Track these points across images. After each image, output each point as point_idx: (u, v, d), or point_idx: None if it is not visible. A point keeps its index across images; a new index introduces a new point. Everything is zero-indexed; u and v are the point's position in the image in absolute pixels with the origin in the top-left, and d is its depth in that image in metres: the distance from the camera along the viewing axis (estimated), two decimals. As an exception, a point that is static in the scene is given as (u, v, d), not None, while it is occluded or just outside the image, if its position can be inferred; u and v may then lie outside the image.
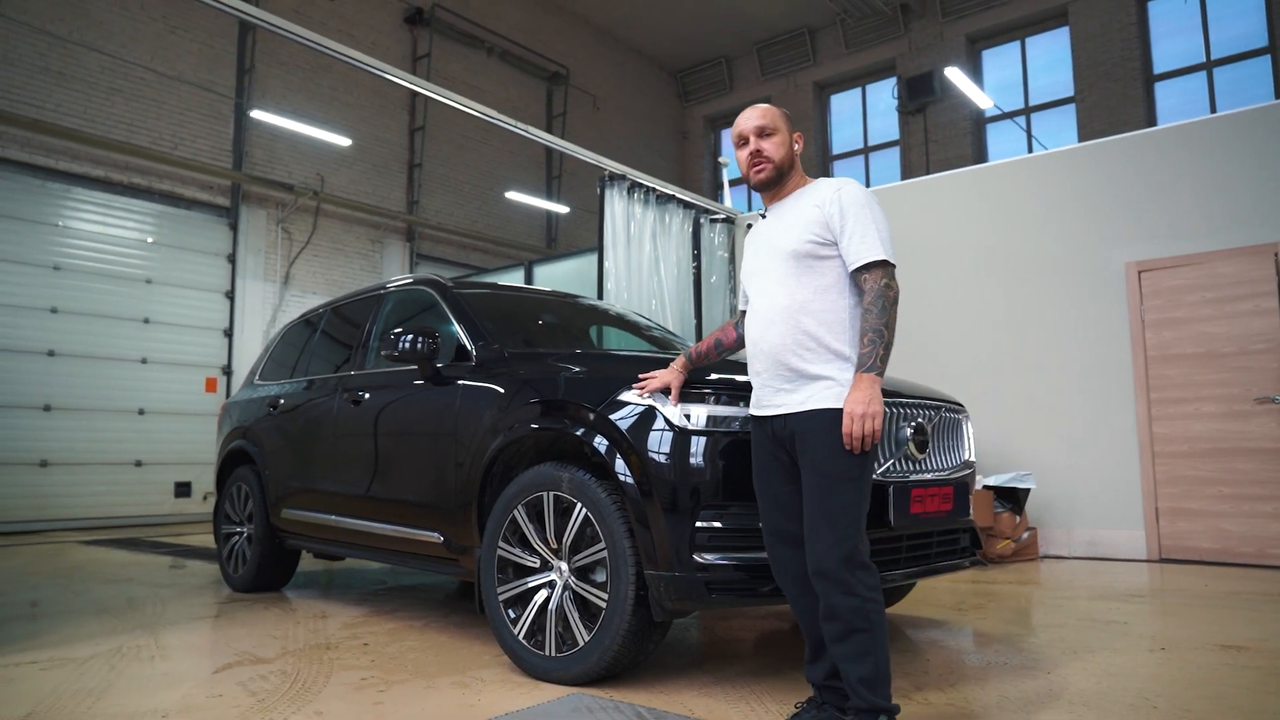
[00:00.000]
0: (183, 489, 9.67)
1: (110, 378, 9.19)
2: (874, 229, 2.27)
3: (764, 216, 2.48)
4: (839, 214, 2.28)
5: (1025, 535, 6.10)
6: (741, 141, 2.42)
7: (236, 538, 5.03)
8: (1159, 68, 12.43)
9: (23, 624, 3.95)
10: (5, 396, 8.40)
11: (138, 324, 9.46)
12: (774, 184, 2.41)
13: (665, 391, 2.73)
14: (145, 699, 2.73)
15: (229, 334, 10.23)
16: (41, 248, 8.77)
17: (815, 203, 2.33)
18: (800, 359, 2.26)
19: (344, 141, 11.14)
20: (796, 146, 2.43)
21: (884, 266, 2.27)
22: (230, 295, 10.28)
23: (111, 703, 2.69)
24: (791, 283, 2.30)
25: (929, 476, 3.07)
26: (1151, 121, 12.07)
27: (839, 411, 2.19)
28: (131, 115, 9.47)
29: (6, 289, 8.44)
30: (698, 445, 2.71)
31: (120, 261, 9.36)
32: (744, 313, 2.56)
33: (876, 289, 2.24)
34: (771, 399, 2.33)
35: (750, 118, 2.40)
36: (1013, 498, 6.10)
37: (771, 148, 2.37)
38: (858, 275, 2.27)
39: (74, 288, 8.97)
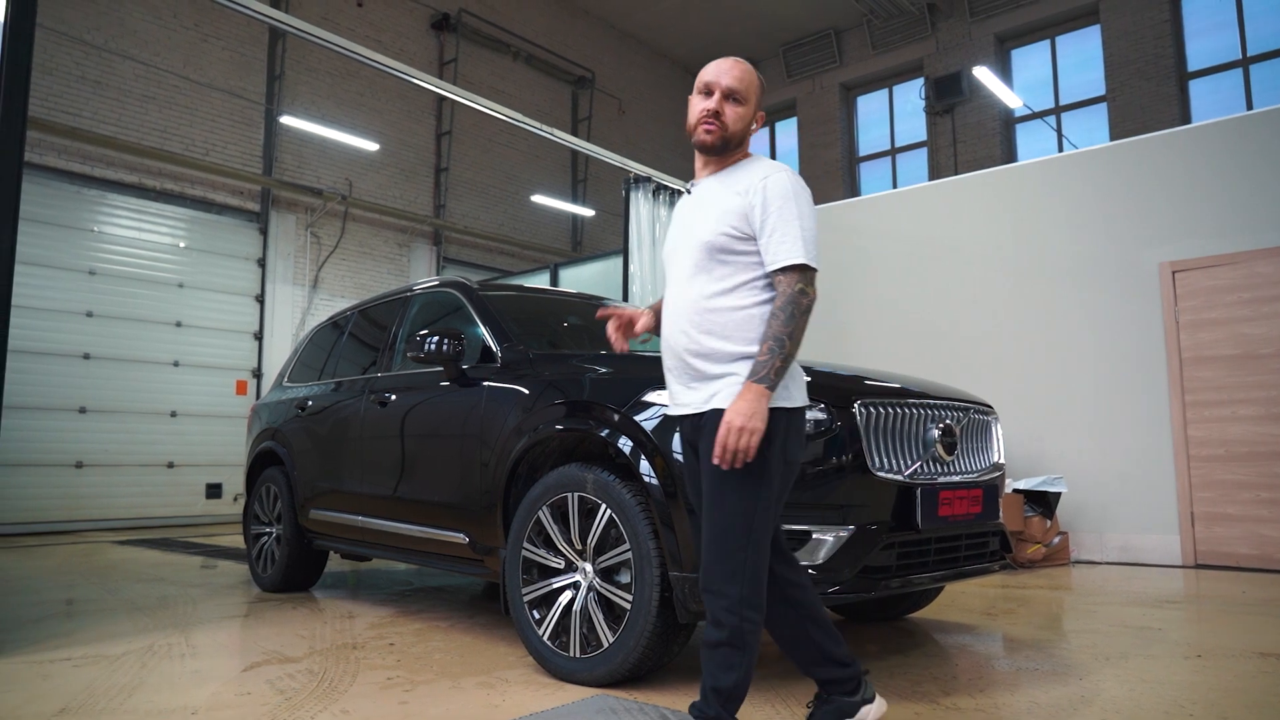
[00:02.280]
0: (214, 490, 9.80)
1: (143, 380, 9.34)
2: (797, 227, 2.05)
3: (688, 192, 2.30)
4: (761, 207, 2.08)
5: (1056, 540, 6.01)
6: (706, 91, 2.17)
7: (265, 538, 5.08)
8: (1193, 65, 12.22)
9: (58, 622, 4.02)
10: (42, 399, 8.57)
11: (170, 327, 9.61)
12: (715, 152, 2.20)
13: (630, 324, 2.51)
14: (176, 696, 2.77)
15: (259, 337, 10.37)
16: (78, 253, 8.95)
17: (738, 190, 2.12)
18: (704, 360, 2.10)
19: (372, 146, 11.25)
20: (755, 125, 2.23)
21: (801, 271, 2.05)
22: (260, 299, 10.42)
23: (143, 699, 2.73)
24: (702, 276, 2.13)
25: (957, 479, 3.04)
26: (1185, 120, 11.86)
27: None
28: (165, 122, 9.64)
29: (44, 293, 8.61)
30: (722, 446, 2.69)
31: (153, 266, 9.52)
32: None
33: (789, 294, 2.03)
34: (681, 397, 2.17)
35: (726, 73, 2.15)
36: (1043, 501, 6.01)
37: (733, 117, 2.16)
38: (773, 277, 2.09)
39: (109, 292, 9.13)
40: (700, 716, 2.10)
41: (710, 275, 2.12)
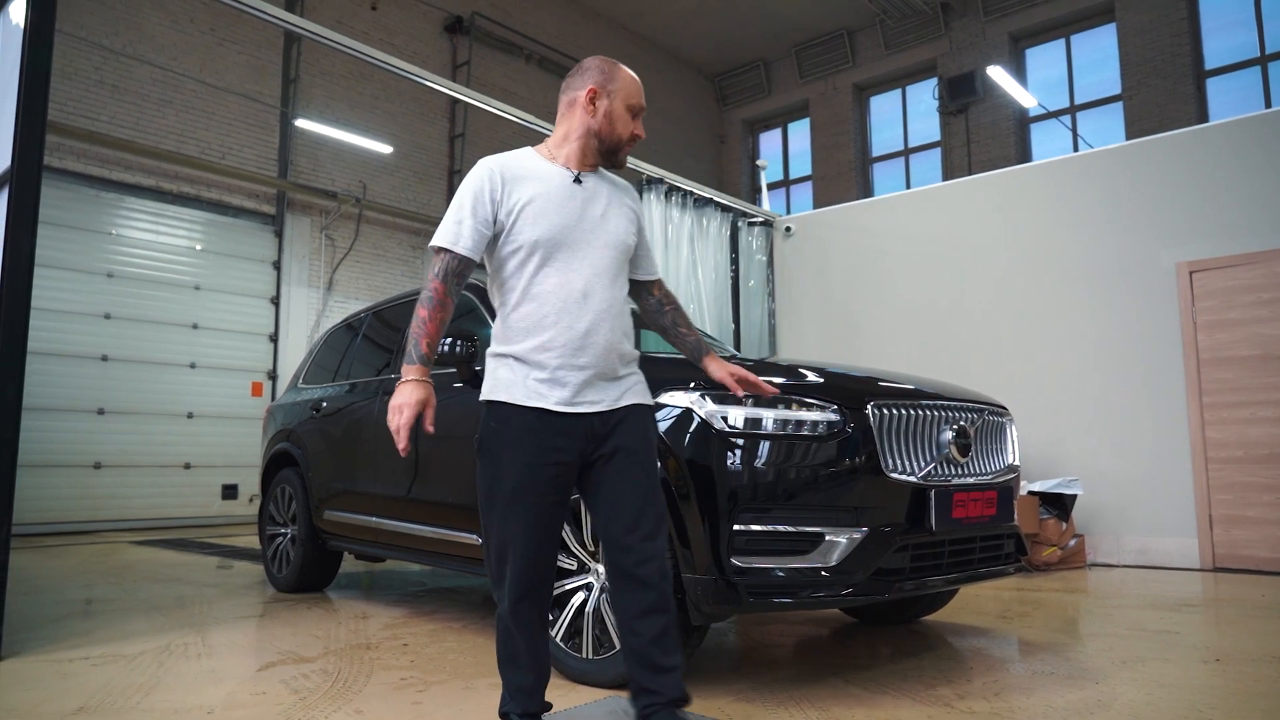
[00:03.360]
0: (229, 491, 9.87)
1: (160, 382, 9.42)
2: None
3: (578, 181, 2.19)
4: (640, 221, 2.33)
5: (1072, 542, 5.97)
6: (634, 112, 2.24)
7: (280, 539, 5.11)
8: (1210, 63, 12.10)
9: (77, 621, 4.06)
10: (61, 400, 8.65)
11: (187, 329, 9.68)
12: (614, 165, 2.30)
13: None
14: (192, 695, 2.79)
15: (274, 339, 10.44)
16: (96, 256, 9.03)
17: (629, 202, 2.29)
18: (621, 361, 2.17)
19: (386, 149, 11.31)
20: None
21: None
22: (275, 301, 10.48)
23: (160, 698, 2.75)
24: (621, 279, 2.22)
25: (971, 480, 3.02)
26: (1203, 119, 11.75)
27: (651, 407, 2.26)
28: (182, 126, 9.72)
29: (63, 296, 8.69)
30: (735, 448, 2.69)
31: (170, 268, 9.60)
32: (462, 260, 2.09)
33: (675, 297, 2.49)
34: (589, 395, 2.10)
35: (642, 94, 2.27)
36: (1059, 504, 5.97)
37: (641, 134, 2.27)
38: (649, 285, 2.41)
39: (126, 294, 9.21)
40: (680, 703, 2.08)
41: (622, 278, 2.23)
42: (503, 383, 2.10)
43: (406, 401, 2.00)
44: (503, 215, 2.10)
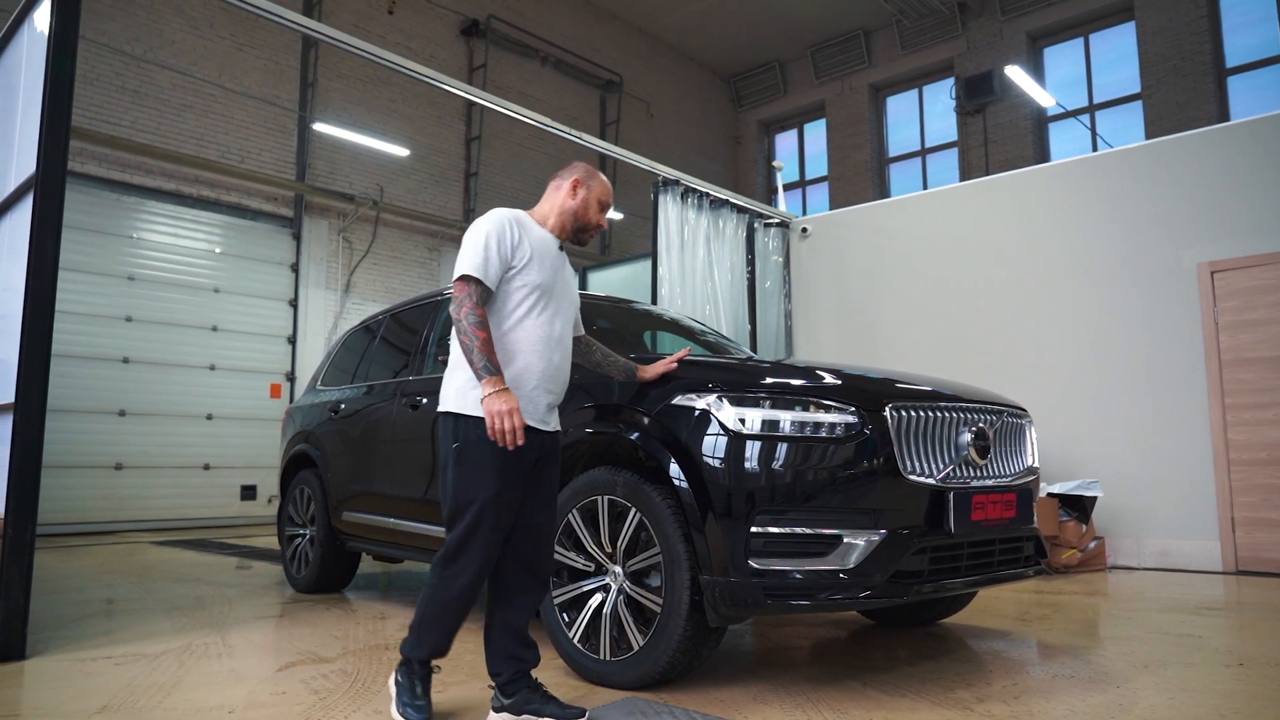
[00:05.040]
0: (248, 492, 9.95)
1: (180, 384, 9.51)
2: None
3: (561, 248, 2.69)
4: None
5: (1092, 545, 5.92)
6: (605, 208, 2.74)
7: (299, 540, 5.15)
8: (1231, 61, 11.97)
9: (100, 621, 4.10)
10: (83, 402, 8.75)
11: (206, 332, 9.77)
12: (578, 241, 2.74)
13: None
14: (213, 694, 2.81)
15: (292, 341, 10.51)
16: (117, 259, 9.13)
17: (573, 276, 2.79)
18: (563, 394, 2.66)
19: (402, 152, 11.37)
20: None
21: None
22: (294, 303, 10.56)
23: (181, 697, 2.78)
24: (572, 331, 2.73)
25: (990, 482, 3.00)
26: (1224, 117, 11.62)
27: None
28: (201, 130, 9.81)
29: (85, 299, 8.80)
30: (753, 449, 2.69)
31: (190, 271, 9.69)
32: (486, 289, 2.50)
33: (593, 339, 2.99)
34: (548, 417, 2.58)
35: (610, 196, 2.76)
36: (1079, 506, 5.92)
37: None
38: (580, 338, 2.89)
39: (147, 297, 9.31)
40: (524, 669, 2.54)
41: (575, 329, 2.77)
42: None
43: (508, 406, 2.33)
44: (514, 258, 2.51)
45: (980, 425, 3.00)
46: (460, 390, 2.47)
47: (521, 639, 2.55)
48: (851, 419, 2.74)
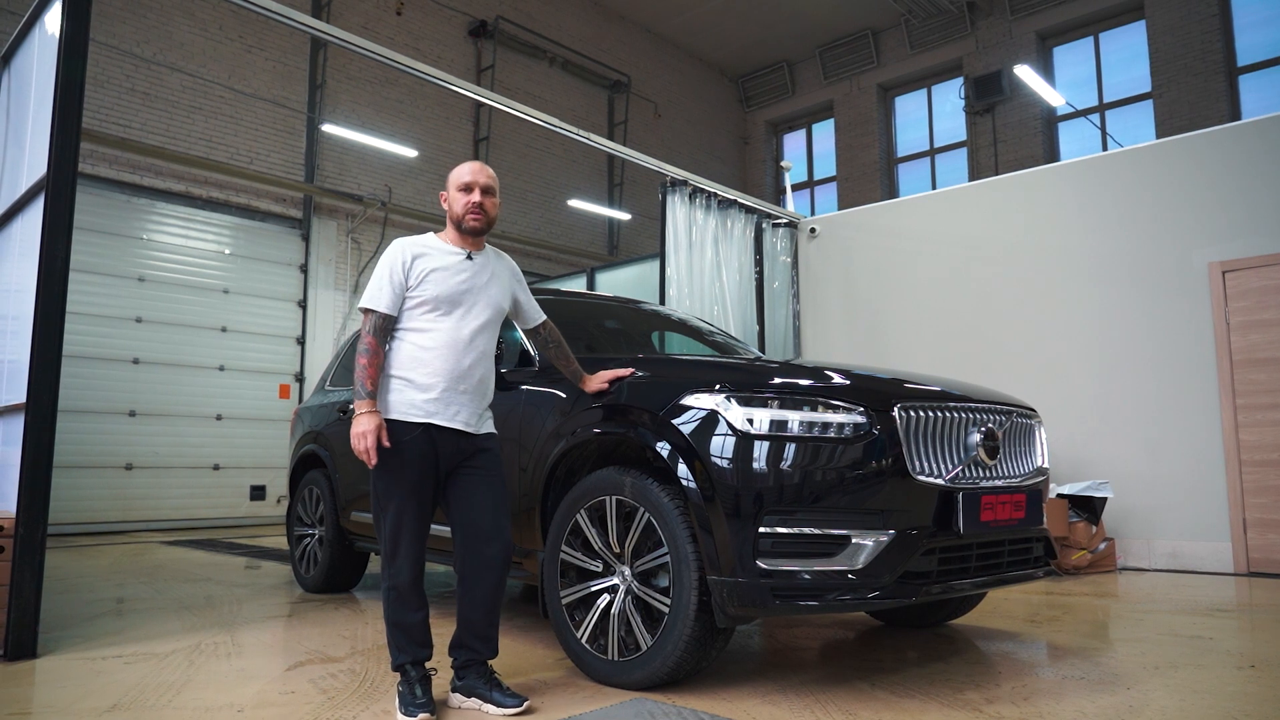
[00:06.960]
0: (258, 492, 9.99)
1: (190, 384, 9.56)
2: None
3: (470, 258, 2.83)
4: (522, 285, 3.02)
5: (1102, 546, 5.89)
6: (467, 188, 2.80)
7: (308, 540, 5.16)
8: (1243, 60, 11.90)
9: (110, 620, 4.12)
10: (94, 402, 8.80)
11: (216, 332, 9.82)
12: (479, 234, 2.85)
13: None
14: (222, 694, 2.82)
15: (301, 342, 10.55)
16: (128, 260, 9.18)
17: (512, 272, 2.98)
18: (486, 396, 2.85)
19: (410, 153, 11.40)
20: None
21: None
22: (303, 304, 10.60)
23: (191, 696, 2.79)
24: (493, 334, 2.86)
25: (1000, 483, 2.99)
26: (1235, 116, 11.56)
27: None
28: (211, 132, 9.86)
29: (96, 300, 8.85)
30: (761, 450, 2.68)
31: (200, 272, 9.74)
32: (385, 317, 2.71)
33: (559, 334, 3.15)
34: (463, 415, 2.74)
35: (480, 172, 2.83)
36: (1089, 507, 5.90)
37: (490, 207, 2.83)
38: (538, 327, 3.08)
39: (157, 298, 9.36)
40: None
41: (494, 334, 2.88)
42: (394, 404, 2.68)
43: (368, 429, 2.57)
44: (410, 280, 2.72)
45: (989, 425, 2.99)
46: (380, 393, 2.73)
47: (475, 630, 2.72)
48: (860, 419, 2.73)
